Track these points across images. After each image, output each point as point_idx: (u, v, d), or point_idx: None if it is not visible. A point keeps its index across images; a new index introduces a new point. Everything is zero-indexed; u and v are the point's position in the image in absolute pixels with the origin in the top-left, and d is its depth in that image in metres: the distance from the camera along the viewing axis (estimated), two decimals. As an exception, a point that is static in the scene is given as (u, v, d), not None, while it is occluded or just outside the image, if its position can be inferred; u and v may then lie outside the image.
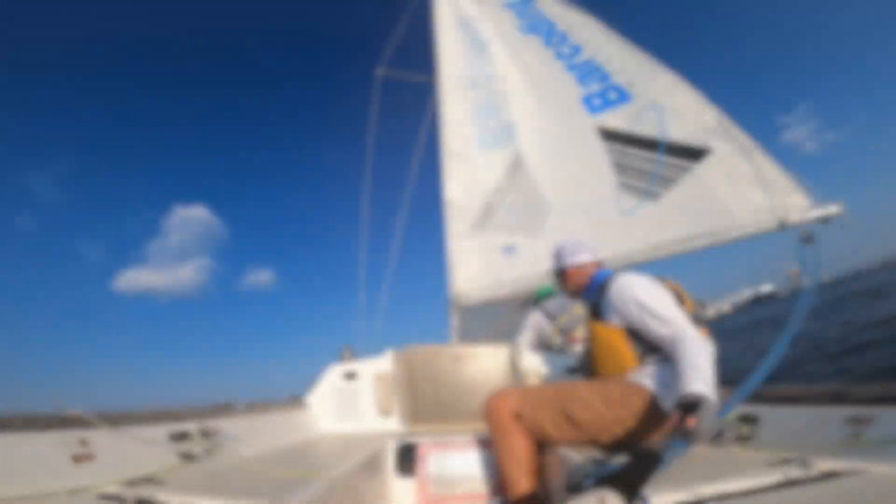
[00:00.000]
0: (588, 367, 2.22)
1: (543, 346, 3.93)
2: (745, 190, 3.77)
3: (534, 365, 3.06)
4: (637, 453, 1.19)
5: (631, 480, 1.02)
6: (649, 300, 1.83)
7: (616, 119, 4.65)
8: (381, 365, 3.22)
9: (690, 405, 1.39)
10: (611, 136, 4.63)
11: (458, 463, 2.38)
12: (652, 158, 4.28)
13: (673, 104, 4.33)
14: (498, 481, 2.26)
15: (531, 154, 5.07)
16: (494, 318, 4.80)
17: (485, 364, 3.11)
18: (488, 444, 2.35)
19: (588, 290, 2.20)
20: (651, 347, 1.87)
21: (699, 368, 1.52)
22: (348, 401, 3.20)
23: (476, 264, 4.77)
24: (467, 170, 5.30)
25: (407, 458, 2.43)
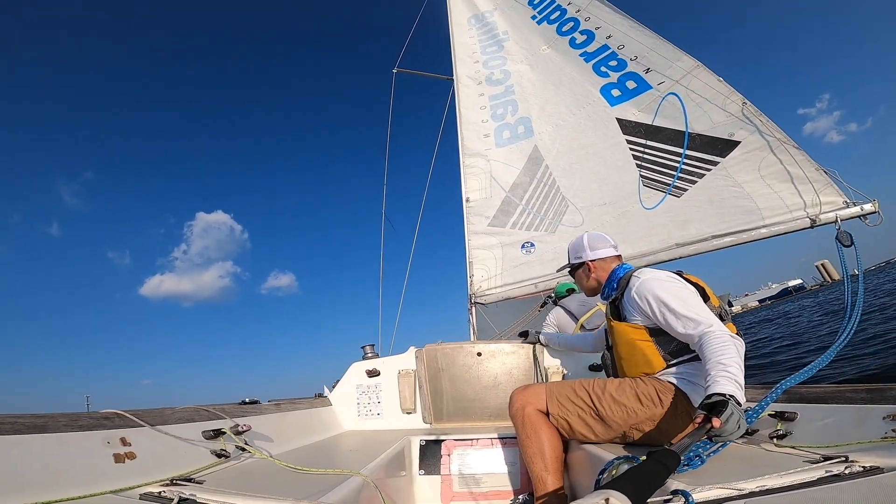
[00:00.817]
0: (611, 365, 2.18)
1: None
2: (775, 185, 3.63)
3: (555, 362, 3.05)
4: (652, 454, 1.17)
5: (641, 482, 0.96)
6: (671, 299, 1.77)
7: (636, 110, 4.53)
8: (403, 362, 3.24)
9: (715, 405, 1.36)
10: (632, 128, 4.51)
11: (482, 461, 2.39)
12: (676, 152, 4.16)
13: (694, 91, 4.18)
14: (522, 479, 2.26)
15: (549, 149, 4.99)
16: (515, 316, 4.78)
17: (507, 361, 3.10)
18: (512, 442, 2.35)
19: (607, 286, 2.14)
20: (678, 347, 1.83)
21: (726, 367, 1.48)
22: (371, 398, 3.22)
23: (494, 262, 4.74)
24: (484, 167, 5.24)
25: (431, 456, 2.44)
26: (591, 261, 2.20)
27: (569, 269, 2.37)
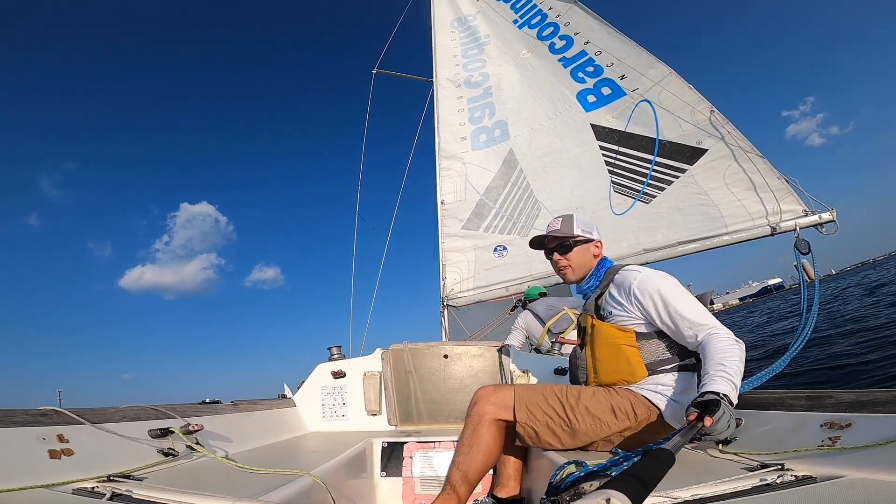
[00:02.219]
0: (581, 367, 1.99)
1: (532, 347, 3.93)
2: (738, 193, 3.71)
3: (520, 365, 3.05)
4: (648, 453, 1.13)
5: (641, 481, 0.93)
6: (676, 298, 1.70)
7: (610, 116, 4.58)
8: (369, 364, 3.20)
9: (708, 404, 1.34)
10: (605, 134, 4.56)
11: (445, 463, 2.37)
12: (647, 159, 4.22)
13: (666, 99, 4.25)
14: (484, 481, 2.23)
15: (524, 153, 5.02)
16: (487, 318, 4.78)
17: (473, 364, 3.09)
18: None
19: (594, 276, 2.01)
20: (661, 357, 1.77)
21: (725, 368, 1.47)
22: (336, 400, 3.18)
23: (467, 264, 4.74)
24: (460, 169, 5.25)
25: (393, 458, 2.42)
26: (599, 240, 2.05)
27: (567, 241, 2.04)
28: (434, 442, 2.44)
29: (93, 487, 1.30)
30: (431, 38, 6.47)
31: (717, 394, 1.39)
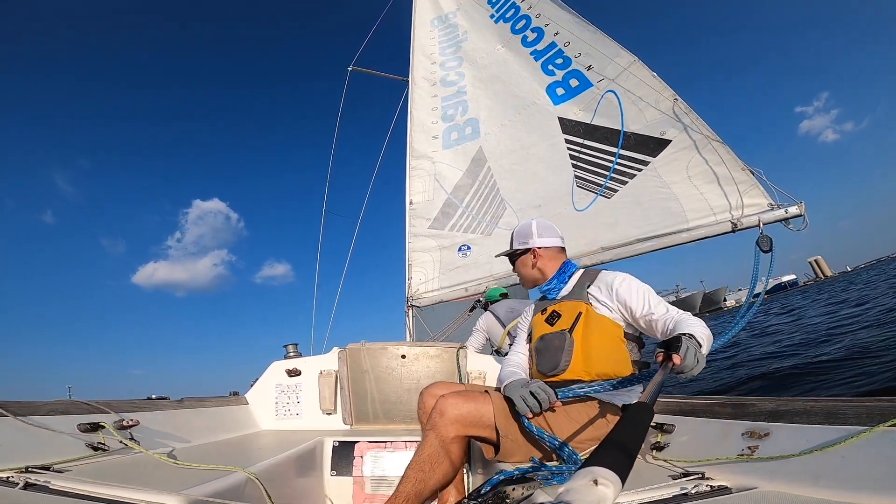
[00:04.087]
0: (563, 351, 1.81)
1: (493, 349, 3.93)
2: (701, 186, 3.48)
3: (477, 367, 3.06)
4: (625, 413, 1.03)
5: (623, 451, 0.84)
6: (651, 294, 1.76)
7: (577, 109, 4.43)
8: (325, 363, 3.18)
9: (671, 344, 1.37)
10: (572, 127, 4.40)
11: (395, 463, 2.37)
12: (610, 151, 4.04)
13: (631, 88, 4.08)
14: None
15: (493, 150, 4.92)
16: (451, 319, 4.76)
17: (430, 364, 3.09)
18: None
19: (557, 278, 2.01)
20: (636, 358, 1.79)
21: (691, 326, 1.50)
22: (290, 398, 3.15)
23: (433, 264, 4.67)
24: (430, 169, 5.19)
25: (344, 457, 2.41)
26: (537, 247, 2.05)
27: (509, 254, 2.17)
28: (386, 442, 2.44)
29: (7, 477, 1.27)
30: (409, 36, 6.42)
31: (683, 334, 1.40)
